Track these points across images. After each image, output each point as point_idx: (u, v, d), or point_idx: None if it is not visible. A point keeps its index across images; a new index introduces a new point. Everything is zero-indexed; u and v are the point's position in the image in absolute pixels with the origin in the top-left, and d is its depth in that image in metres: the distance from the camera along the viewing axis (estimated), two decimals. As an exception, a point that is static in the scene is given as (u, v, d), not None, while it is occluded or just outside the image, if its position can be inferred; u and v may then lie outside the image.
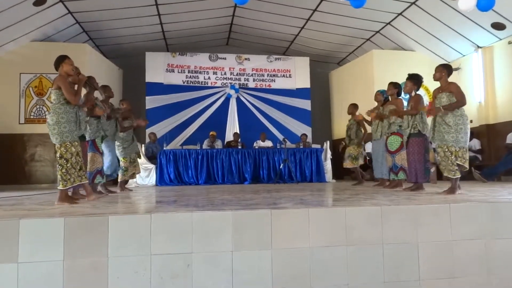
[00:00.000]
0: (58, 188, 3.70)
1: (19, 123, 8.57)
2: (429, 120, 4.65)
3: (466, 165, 4.22)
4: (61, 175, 3.64)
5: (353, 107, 7.09)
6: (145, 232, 2.57)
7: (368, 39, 10.26)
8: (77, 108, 3.82)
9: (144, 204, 3.84)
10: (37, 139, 8.57)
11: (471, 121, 4.47)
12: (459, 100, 4.24)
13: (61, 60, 3.82)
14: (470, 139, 8.35)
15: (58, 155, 3.67)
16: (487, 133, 8.71)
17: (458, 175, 4.22)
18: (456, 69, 9.02)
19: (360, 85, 10.42)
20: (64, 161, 3.66)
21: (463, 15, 7.76)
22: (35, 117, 8.63)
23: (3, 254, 2.39)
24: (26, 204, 3.82)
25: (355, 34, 10.09)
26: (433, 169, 6.89)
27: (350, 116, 7.32)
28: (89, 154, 4.79)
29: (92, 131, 4.71)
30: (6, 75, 8.47)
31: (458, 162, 4.18)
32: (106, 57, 10.35)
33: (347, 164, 7.02)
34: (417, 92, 4.99)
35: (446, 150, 4.22)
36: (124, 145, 6.00)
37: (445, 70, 4.43)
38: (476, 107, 8.89)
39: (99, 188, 5.20)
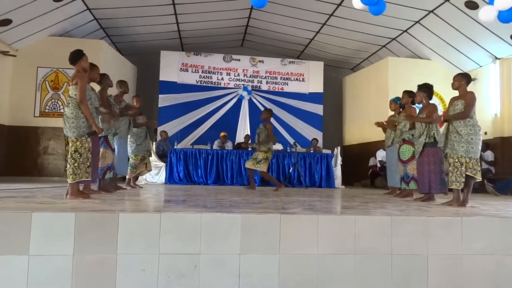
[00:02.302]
0: (68, 181, 3.74)
1: (34, 116, 8.69)
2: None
3: (478, 177, 4.13)
4: (73, 168, 3.69)
5: (267, 113, 6.91)
6: (154, 231, 2.58)
7: (383, 46, 10.20)
8: (92, 105, 3.88)
9: (153, 202, 3.86)
10: (50, 133, 8.68)
11: (485, 133, 4.38)
12: (464, 111, 4.15)
13: (80, 56, 3.85)
14: (484, 150, 8.28)
15: (73, 149, 3.71)
16: (501, 145, 8.57)
17: (461, 187, 4.14)
18: (473, 79, 8.91)
19: (374, 92, 10.36)
20: (78, 155, 3.71)
21: (482, 25, 7.66)
22: (49, 110, 8.75)
23: (15, 246, 2.42)
24: (38, 197, 3.87)
25: (371, 41, 10.03)
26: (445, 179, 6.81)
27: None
28: (101, 150, 4.84)
29: (104, 127, 4.75)
30: (24, 69, 8.61)
31: (468, 173, 4.11)
32: (122, 54, 10.46)
33: (248, 163, 6.67)
34: (431, 101, 4.94)
35: (456, 160, 4.14)
36: (137, 142, 6.05)
37: (464, 79, 4.35)
38: (492, 119, 8.77)
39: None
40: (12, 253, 2.42)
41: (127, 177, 6.15)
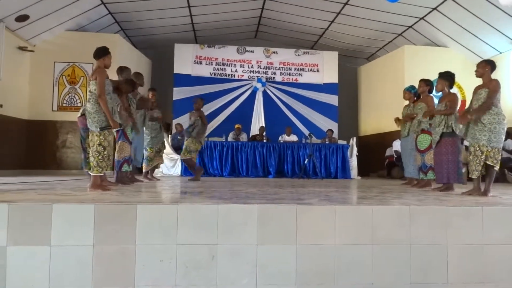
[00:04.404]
0: (91, 174, 3.82)
1: (52, 110, 8.84)
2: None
3: (496, 166, 4.04)
4: (97, 161, 3.77)
5: (201, 101, 6.71)
6: (172, 222, 2.60)
7: (400, 34, 10.01)
8: (112, 99, 3.96)
9: (170, 194, 3.90)
10: (68, 126, 8.82)
11: None
12: (486, 101, 4.01)
13: (105, 53, 3.97)
14: (505, 139, 8.07)
15: (97, 142, 3.79)
16: (522, 134, 8.35)
17: (476, 176, 4.06)
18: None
19: (389, 82, 10.20)
20: (102, 148, 3.79)
21: (501, 10, 7.45)
22: (67, 104, 8.88)
23: (37, 237, 2.48)
24: (58, 189, 3.94)
25: (387, 29, 9.85)
26: (463, 170, 6.70)
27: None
28: (119, 143, 4.91)
29: (122, 120, 4.80)
30: (41, 64, 8.74)
31: (488, 163, 4.01)
32: (136, 48, 10.52)
33: (182, 155, 6.51)
34: (452, 91, 4.84)
35: (477, 149, 4.03)
36: (152, 134, 6.10)
37: (488, 65, 4.18)
38: (511, 107, 8.54)
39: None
40: (35, 243, 2.48)
41: (143, 170, 6.21)
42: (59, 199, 3.00)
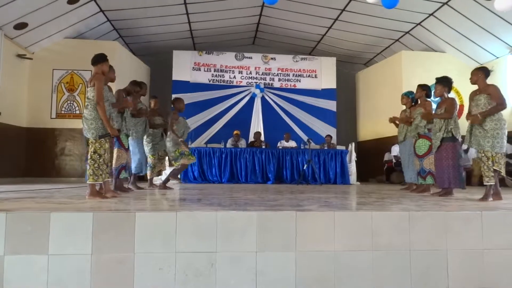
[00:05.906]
0: (88, 182, 3.79)
1: (51, 118, 8.83)
2: (464, 123, 4.54)
3: (502, 171, 4.09)
4: (93, 169, 3.74)
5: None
6: (171, 229, 2.59)
7: (397, 40, 10.06)
8: (110, 106, 3.95)
9: (169, 201, 3.88)
10: (67, 134, 8.81)
11: None
12: (499, 103, 4.09)
13: (102, 59, 3.96)
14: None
15: (92, 150, 3.76)
16: (520, 138, 8.37)
17: (492, 182, 4.10)
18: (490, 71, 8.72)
19: (387, 87, 10.24)
20: (98, 156, 3.76)
21: (497, 15, 7.50)
22: (66, 112, 8.87)
23: (35, 246, 2.47)
24: (56, 197, 3.93)
25: (384, 35, 9.91)
26: (463, 174, 6.71)
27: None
28: (115, 150, 4.89)
29: (117, 128, 4.79)
30: (40, 71, 8.74)
31: (495, 168, 4.07)
32: (135, 55, 10.54)
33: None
34: (450, 95, 4.87)
35: (483, 155, 4.13)
36: (154, 141, 6.09)
37: (481, 72, 4.31)
38: (509, 111, 8.56)
39: (128, 184, 5.31)
40: (33, 252, 2.46)
41: (148, 177, 6.20)
42: (57, 207, 2.98)
